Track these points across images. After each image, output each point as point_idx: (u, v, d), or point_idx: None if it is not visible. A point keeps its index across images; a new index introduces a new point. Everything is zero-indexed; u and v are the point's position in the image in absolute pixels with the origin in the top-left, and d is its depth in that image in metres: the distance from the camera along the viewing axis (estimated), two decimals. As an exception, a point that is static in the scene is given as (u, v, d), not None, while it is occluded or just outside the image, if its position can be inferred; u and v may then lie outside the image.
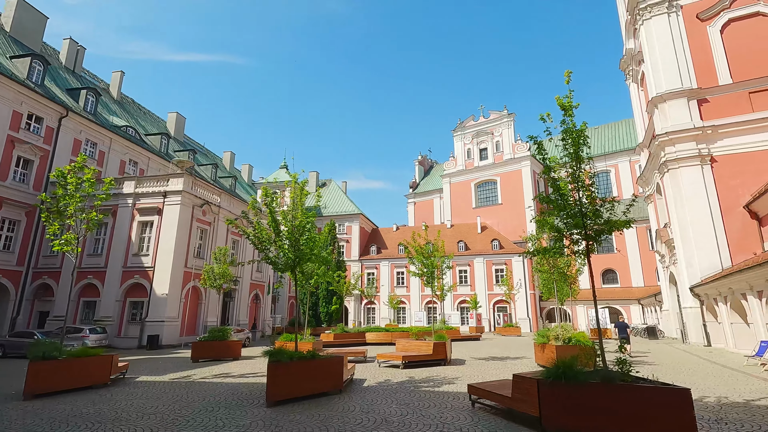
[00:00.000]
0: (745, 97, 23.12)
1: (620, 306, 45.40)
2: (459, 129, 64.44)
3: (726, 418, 6.97)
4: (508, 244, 50.25)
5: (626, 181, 54.28)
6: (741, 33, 24.21)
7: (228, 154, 56.87)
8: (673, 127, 24.01)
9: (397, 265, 53.17)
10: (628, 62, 33.05)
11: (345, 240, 55.66)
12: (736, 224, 21.94)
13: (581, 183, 7.50)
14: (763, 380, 10.92)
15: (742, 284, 16.89)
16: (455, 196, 62.94)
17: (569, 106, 7.53)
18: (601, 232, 7.33)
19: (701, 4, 25.44)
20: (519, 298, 46.53)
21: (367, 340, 25.53)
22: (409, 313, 51.28)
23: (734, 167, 22.49)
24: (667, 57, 25.16)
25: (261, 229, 10.37)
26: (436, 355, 14.69)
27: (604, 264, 49.25)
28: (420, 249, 16.96)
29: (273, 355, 8.79)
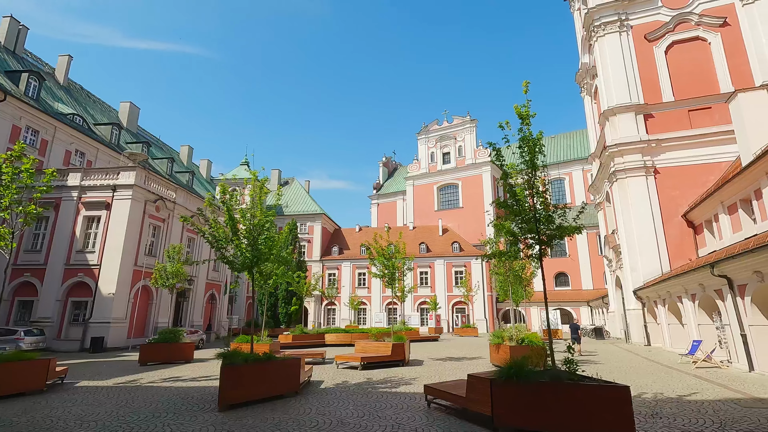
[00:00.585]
0: (685, 115, 24.95)
1: (571, 308, 47.60)
2: (423, 132, 65.35)
3: (661, 413, 7.46)
4: (468, 247, 51.44)
5: (579, 188, 57.04)
6: (683, 55, 26.12)
7: (185, 148, 54.62)
8: (622, 139, 25.51)
9: (359, 266, 53.09)
10: (583, 76, 34.79)
11: (306, 240, 54.93)
12: (675, 232, 23.62)
13: (536, 189, 7.80)
14: (695, 377, 11.80)
15: (678, 288, 18.19)
16: (418, 198, 63.72)
17: (527, 115, 7.81)
18: (553, 237, 7.66)
19: (649, 25, 27.22)
20: (477, 299, 47.71)
21: (327, 341, 25.30)
22: (369, 314, 51.32)
23: (674, 179, 24.19)
24: (618, 73, 26.71)
25: (218, 228, 10.03)
26: (394, 356, 14.78)
27: (556, 267, 51.48)
28: (382, 250, 17.02)
29: (227, 358, 8.52)
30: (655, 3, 27.31)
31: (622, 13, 27.61)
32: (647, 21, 27.31)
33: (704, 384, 10.60)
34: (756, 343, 12.54)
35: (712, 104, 24.10)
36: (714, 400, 8.57)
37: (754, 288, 12.30)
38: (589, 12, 28.55)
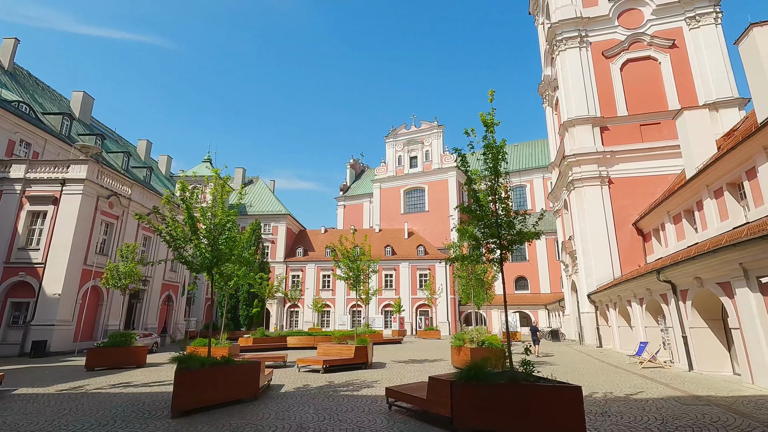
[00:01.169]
0: (638, 129, 26.47)
1: (529, 311, 49.21)
2: (391, 136, 65.76)
3: (609, 411, 7.83)
4: (432, 250, 52.10)
5: (539, 195, 59.17)
6: (636, 72, 27.72)
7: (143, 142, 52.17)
8: (579, 149, 26.70)
9: (324, 268, 52.57)
10: (545, 87, 36.18)
11: (270, 241, 53.83)
12: (626, 239, 24.95)
13: (498, 196, 8.02)
14: (641, 376, 12.48)
15: (628, 292, 19.21)
16: (385, 201, 63.99)
17: (491, 123, 8.02)
18: (513, 242, 7.89)
19: (606, 43, 28.71)
20: (440, 302, 48.40)
21: (289, 344, 24.86)
22: (333, 316, 50.88)
23: (626, 189, 25.58)
24: (577, 86, 27.98)
25: (176, 226, 9.63)
26: (357, 359, 14.72)
27: (517, 271, 53.10)
28: (347, 252, 16.93)
29: (182, 362, 8.19)
30: (612, 22, 28.84)
31: (582, 30, 28.97)
32: (605, 39, 28.79)
33: (649, 383, 11.22)
34: (695, 344, 13.43)
35: (661, 120, 25.70)
36: (657, 399, 9.09)
37: (694, 293, 13.17)
38: (552, 27, 29.77)
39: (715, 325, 13.21)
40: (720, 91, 25.06)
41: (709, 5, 26.67)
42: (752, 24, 13.43)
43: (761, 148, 12.87)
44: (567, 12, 29.36)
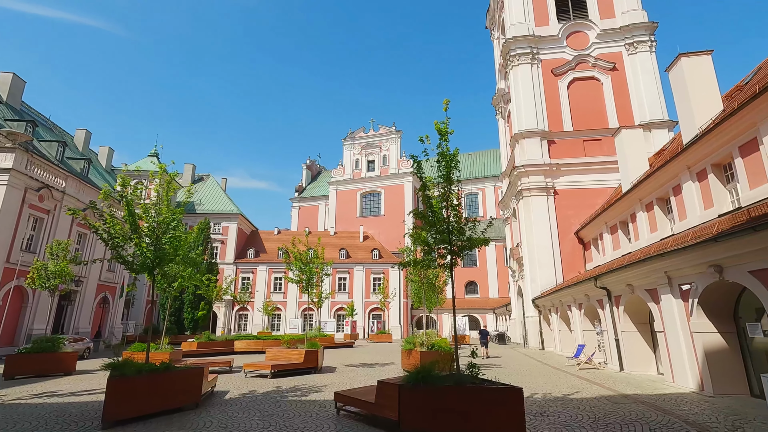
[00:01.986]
0: (581, 144, 28.20)
1: (478, 314, 50.77)
2: (349, 139, 65.67)
3: (548, 411, 8.24)
4: (387, 254, 52.44)
5: (491, 203, 61.35)
6: (581, 91, 29.56)
7: (82, 132, 48.42)
8: (528, 161, 28.02)
9: (276, 270, 51.34)
10: (498, 100, 37.68)
11: (220, 241, 51.83)
12: (568, 247, 26.43)
13: (451, 202, 8.23)
14: (578, 377, 13.24)
15: (568, 298, 20.34)
16: (341, 203, 63.67)
17: (445, 131, 8.23)
18: (463, 248, 8.12)
19: (556, 61, 30.40)
20: (393, 306, 48.77)
21: (236, 348, 23.99)
22: (284, 320, 49.78)
23: (570, 200, 27.13)
24: (528, 101, 29.38)
25: (114, 224, 9.03)
26: (307, 364, 14.49)
27: (467, 276, 54.64)
28: (299, 255, 16.65)
29: (116, 368, 7.67)
30: (561, 42, 30.61)
31: (534, 48, 30.49)
32: (554, 57, 30.48)
33: (585, 384, 11.93)
34: (626, 346, 14.46)
35: (602, 137, 27.54)
36: (591, 398, 9.68)
37: (626, 299, 14.19)
38: (507, 42, 31.10)
39: (643, 328, 14.29)
40: (653, 113, 27.30)
41: (645, 34, 29.01)
42: (680, 54, 14.75)
43: (685, 167, 14.14)
44: (520, 29, 30.80)
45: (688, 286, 10.51)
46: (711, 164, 13.15)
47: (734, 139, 11.91)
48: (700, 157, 13.48)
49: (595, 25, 30.26)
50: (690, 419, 7.52)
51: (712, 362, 9.93)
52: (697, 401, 9.17)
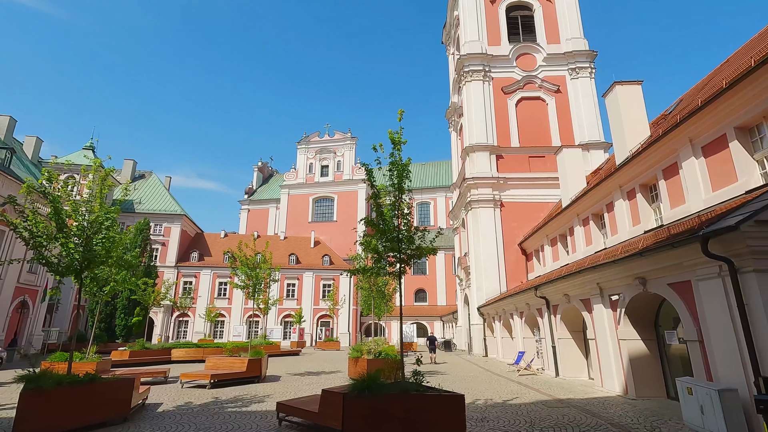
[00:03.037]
0: (526, 159, 29.70)
1: (426, 322, 51.57)
2: (304, 142, 64.82)
3: (488, 417, 8.50)
4: (338, 261, 52.03)
5: (441, 213, 62.86)
6: (528, 110, 31.20)
7: (5, 119, 43.95)
8: (478, 174, 29.07)
9: (221, 274, 49.27)
10: (451, 113, 38.86)
11: (161, 243, 48.96)
12: (512, 258, 27.61)
13: (401, 211, 8.34)
14: (517, 383, 13.79)
15: (511, 306, 21.21)
16: (292, 208, 62.49)
17: (398, 141, 8.35)
18: (412, 257, 8.24)
19: (506, 80, 31.90)
20: (342, 313, 48.36)
21: (173, 357, 22.65)
22: (228, 327, 47.79)
23: (515, 212, 28.41)
24: (479, 116, 30.54)
25: (37, 221, 8.25)
26: (249, 373, 13.96)
27: (417, 284, 55.43)
28: (246, 259, 16.10)
29: (31, 381, 6.97)
30: (511, 62, 32.20)
31: (486, 65, 31.82)
32: (505, 76, 31.97)
33: (523, 389, 12.45)
34: (562, 353, 15.28)
35: (546, 154, 29.15)
36: (529, 403, 10.11)
37: (563, 308, 15.03)
38: (461, 58, 32.23)
39: (577, 336, 15.18)
40: (591, 135, 29.35)
41: (586, 61, 31.25)
42: (615, 82, 16.03)
43: (618, 186, 15.31)
44: (474, 47, 32.06)
45: (617, 296, 11.33)
46: (639, 184, 14.33)
47: (659, 162, 13.08)
48: (630, 178, 14.65)
49: (542, 48, 32.14)
50: (615, 421, 8.06)
51: (635, 367, 10.74)
52: (621, 404, 9.86)
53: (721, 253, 7.01)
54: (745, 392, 6.87)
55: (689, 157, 11.73)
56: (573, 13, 32.64)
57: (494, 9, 33.58)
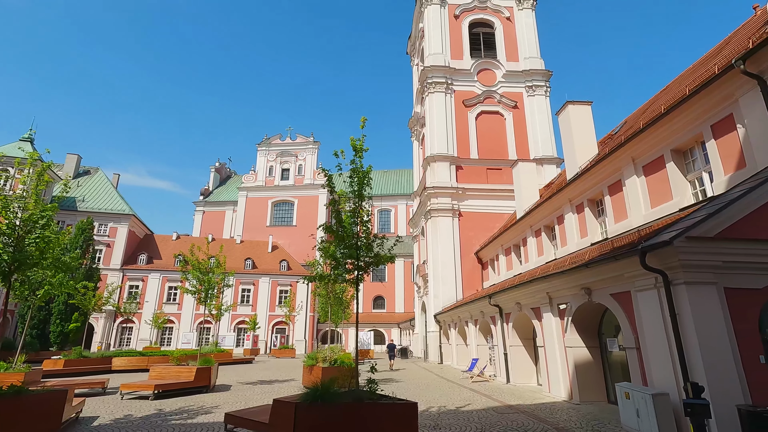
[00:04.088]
0: (485, 171, 30.65)
1: (384, 329, 51.64)
2: (264, 144, 63.45)
3: (441, 424, 8.59)
4: (296, 266, 51.10)
5: (402, 220, 63.44)
6: (487, 123, 32.26)
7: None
8: (438, 183, 29.64)
9: (171, 278, 46.97)
10: (414, 123, 39.48)
11: (106, 244, 46.07)
12: (469, 266, 28.28)
13: (361, 218, 8.33)
14: (470, 390, 14.05)
15: (466, 314, 21.67)
16: (250, 211, 60.82)
17: (360, 148, 8.35)
18: (370, 264, 8.23)
19: (467, 93, 32.85)
20: (299, 320, 47.47)
21: (114, 367, 21.23)
22: (177, 333, 45.53)
23: (472, 222, 29.17)
24: (441, 127, 31.22)
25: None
26: (198, 382, 13.34)
27: (375, 291, 55.45)
28: (198, 263, 15.45)
29: (-56, 395, 6.29)
30: (472, 77, 33.23)
31: (449, 78, 32.64)
32: (466, 89, 32.93)
33: (476, 396, 12.70)
34: (513, 360, 15.75)
35: (503, 167, 30.22)
36: (480, 410, 10.33)
37: (515, 316, 15.53)
38: (425, 70, 32.89)
39: (527, 343, 15.72)
40: (545, 150, 30.77)
41: (542, 80, 32.82)
42: (568, 102, 16.93)
43: (568, 200, 16.12)
44: (438, 60, 32.83)
45: (565, 305, 11.87)
46: (587, 199, 15.16)
47: (605, 179, 13.91)
48: (579, 193, 15.47)
49: (502, 65, 33.43)
50: (560, 426, 8.39)
51: (579, 373, 11.26)
52: (566, 409, 10.29)
53: (656, 266, 7.52)
54: (675, 396, 7.37)
55: (632, 175, 12.57)
56: (531, 34, 34.26)
57: (458, 24, 34.61)
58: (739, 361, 6.92)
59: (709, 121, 10.14)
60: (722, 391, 6.67)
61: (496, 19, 34.91)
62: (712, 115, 10.05)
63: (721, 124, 9.90)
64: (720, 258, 7.29)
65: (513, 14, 35.04)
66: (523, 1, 35.11)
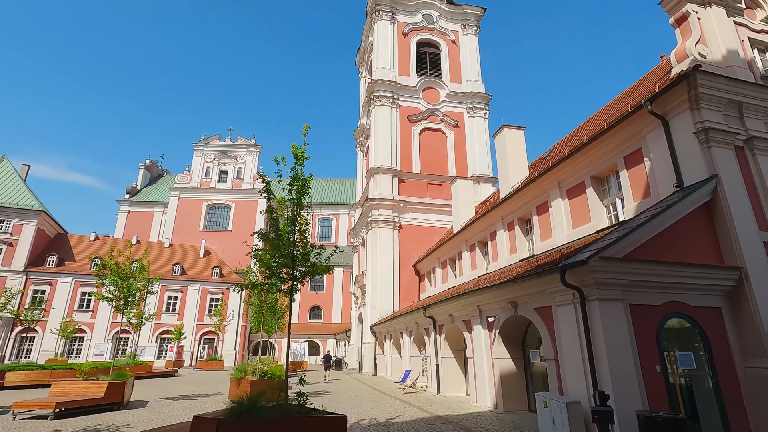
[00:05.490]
0: (425, 186, 31.53)
1: (320, 340, 50.73)
2: (202, 144, 60.33)
3: (370, 437, 8.56)
4: (230, 273, 48.81)
5: (343, 230, 63.13)
6: (430, 140, 33.33)
7: None
8: (380, 195, 29.99)
9: (85, 283, 42.72)
10: (359, 134, 39.77)
11: (8, 242, 40.94)
12: (407, 278, 28.75)
13: (299, 227, 8.18)
14: (402, 401, 14.18)
15: (401, 325, 21.94)
16: (182, 213, 57.22)
17: (302, 156, 8.24)
18: (306, 275, 8.09)
19: (412, 109, 33.77)
20: (230, 329, 45.25)
21: (8, 382, 18.76)
22: (89, 344, 41.33)
23: (412, 235, 29.79)
24: (385, 140, 31.73)
25: None
26: (109, 399, 12.18)
27: (313, 301, 54.45)
28: (118, 267, 14.22)
29: None
30: (418, 94, 34.27)
31: (395, 93, 33.37)
32: (412, 105, 33.85)
33: (407, 407, 12.84)
34: (444, 371, 16.16)
35: (443, 183, 31.30)
36: (410, 421, 10.44)
37: (448, 328, 15.99)
38: (372, 83, 33.37)
39: (458, 355, 16.23)
40: (482, 169, 32.37)
41: (482, 103, 34.66)
42: (504, 125, 18.00)
43: (500, 218, 17.03)
44: (385, 74, 33.48)
45: (493, 318, 12.44)
46: (517, 218, 16.12)
47: (534, 200, 14.90)
48: (510, 211, 16.42)
49: (446, 85, 34.84)
50: (484, 435, 8.72)
51: (504, 384, 11.81)
52: (491, 418, 10.72)
53: (574, 282, 8.16)
54: (586, 404, 7.97)
55: (557, 198, 13.59)
56: (474, 58, 36.14)
57: (406, 42, 35.63)
58: (640, 371, 7.65)
59: (622, 153, 11.29)
60: (624, 398, 7.33)
61: (442, 41, 36.41)
62: (625, 148, 11.19)
63: (632, 157, 11.06)
64: (627, 277, 8.07)
65: (458, 38, 36.79)
66: (467, 27, 37.03)
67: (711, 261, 8.80)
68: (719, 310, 8.69)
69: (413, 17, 36.26)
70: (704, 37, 10.56)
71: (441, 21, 36.73)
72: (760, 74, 10.82)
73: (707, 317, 8.56)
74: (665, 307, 8.35)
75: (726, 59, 10.36)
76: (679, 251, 8.59)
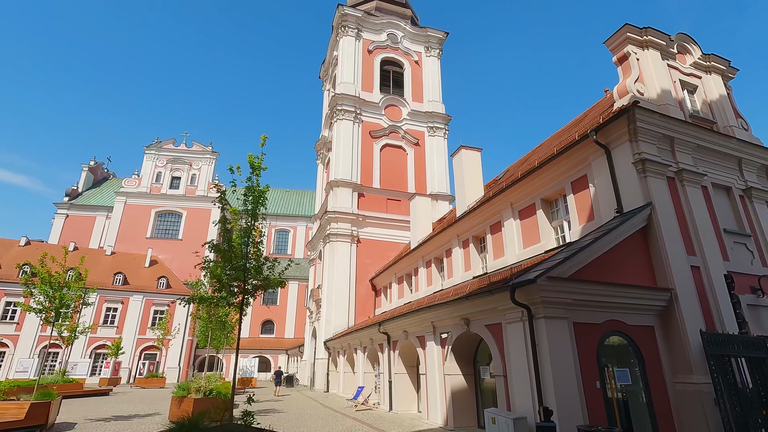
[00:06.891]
0: (384, 201, 31.76)
1: (271, 355, 49.05)
2: (154, 147, 57.58)
3: (318, 457, 8.31)
4: (177, 285, 46.34)
5: (300, 242, 62.06)
6: (391, 156, 33.75)
7: None
8: (339, 208, 29.84)
9: (11, 292, 39.01)
10: (321, 146, 39.59)
11: None
12: (363, 292, 28.58)
13: (252, 239, 7.97)
14: (353, 419, 13.93)
15: (356, 341, 21.69)
16: (128, 219, 54.00)
17: (258, 166, 8.09)
18: (258, 288, 7.86)
19: (374, 125, 34.13)
20: (174, 344, 42.74)
21: None
22: (11, 360, 37.57)
23: (369, 249, 29.76)
24: (346, 154, 31.78)
25: None
26: (30, 421, 11.05)
27: (265, 315, 52.77)
28: (49, 276, 13.13)
29: None
30: (380, 110, 34.74)
31: (358, 108, 33.65)
32: (374, 121, 34.22)
33: (357, 425, 12.62)
34: (397, 387, 16.09)
35: (402, 199, 31.67)
36: (360, 439, 10.26)
37: (402, 344, 15.99)
38: (335, 96, 33.49)
39: (411, 371, 16.23)
40: (440, 187, 33.12)
41: (442, 123, 35.68)
42: (462, 146, 18.61)
43: (456, 235, 17.43)
44: (349, 89, 33.73)
45: (446, 334, 12.60)
46: (472, 236, 16.57)
47: (488, 219, 15.40)
48: (466, 229, 16.85)
49: (408, 104, 35.60)
50: (434, 452, 8.72)
51: (455, 400, 11.93)
52: (441, 435, 10.76)
53: (523, 301, 8.46)
54: (532, 420, 8.20)
55: (510, 218, 14.13)
56: (435, 80, 37.27)
57: (371, 59, 36.18)
58: (581, 387, 8.01)
59: (569, 178, 11.97)
60: (567, 413, 7.62)
61: (406, 60, 37.31)
62: (572, 173, 11.89)
63: (578, 182, 11.76)
64: (571, 296, 8.48)
65: (421, 59, 37.85)
66: (430, 50, 38.22)
67: (646, 282, 9.45)
68: (652, 328, 9.30)
69: (378, 36, 36.97)
70: (642, 76, 11.54)
71: (405, 41, 37.68)
72: (688, 113, 11.94)
73: (642, 335, 9.14)
74: (605, 325, 8.83)
75: (660, 97, 11.35)
76: (618, 272, 9.17)
